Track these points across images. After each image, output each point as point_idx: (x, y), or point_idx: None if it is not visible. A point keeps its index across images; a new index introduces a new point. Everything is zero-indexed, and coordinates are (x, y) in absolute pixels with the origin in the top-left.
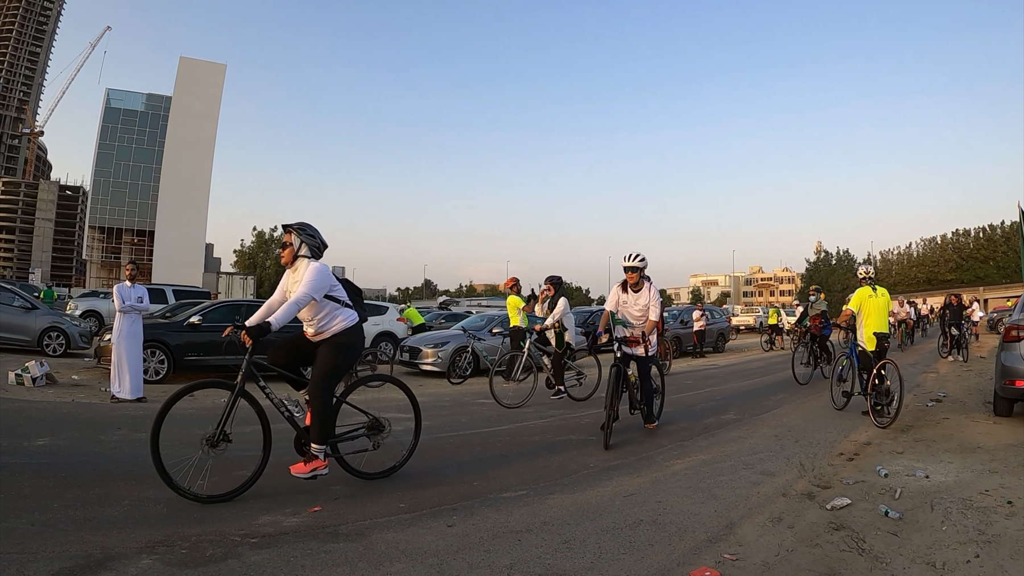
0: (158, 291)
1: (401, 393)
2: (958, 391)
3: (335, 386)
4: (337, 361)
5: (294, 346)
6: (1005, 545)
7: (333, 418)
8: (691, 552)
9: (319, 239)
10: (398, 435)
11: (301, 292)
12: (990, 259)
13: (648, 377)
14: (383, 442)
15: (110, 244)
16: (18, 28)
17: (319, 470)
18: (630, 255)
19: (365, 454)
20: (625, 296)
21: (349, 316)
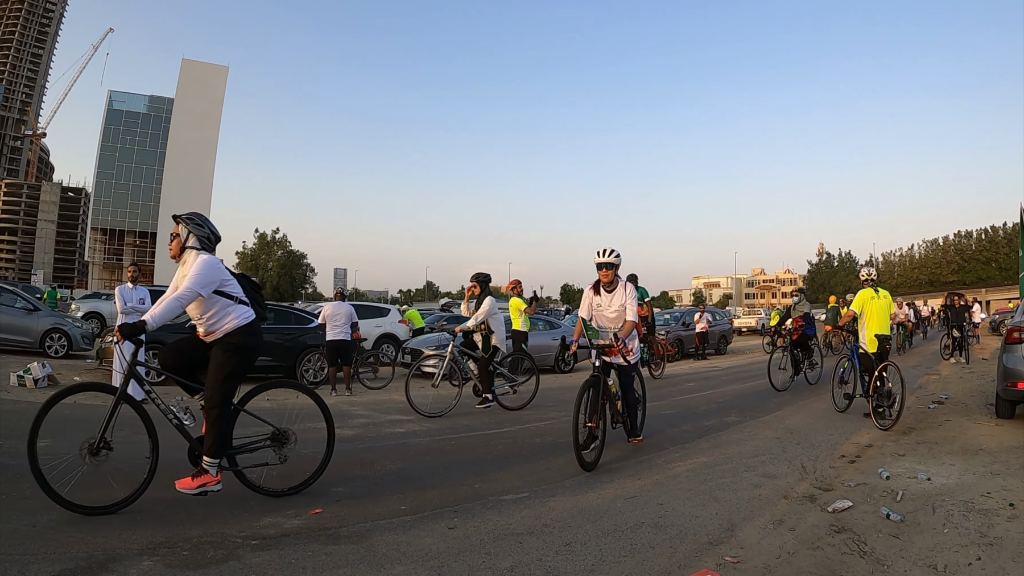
0: (160, 293)
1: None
2: (960, 393)
3: (231, 392)
4: (230, 365)
5: (188, 348)
6: (1007, 547)
7: (229, 428)
8: (692, 554)
9: (209, 229)
10: (317, 447)
11: (185, 287)
12: (992, 260)
13: (631, 387)
14: (290, 455)
15: (112, 246)
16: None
17: (208, 486)
18: (604, 250)
19: (268, 468)
20: (598, 298)
21: (243, 314)
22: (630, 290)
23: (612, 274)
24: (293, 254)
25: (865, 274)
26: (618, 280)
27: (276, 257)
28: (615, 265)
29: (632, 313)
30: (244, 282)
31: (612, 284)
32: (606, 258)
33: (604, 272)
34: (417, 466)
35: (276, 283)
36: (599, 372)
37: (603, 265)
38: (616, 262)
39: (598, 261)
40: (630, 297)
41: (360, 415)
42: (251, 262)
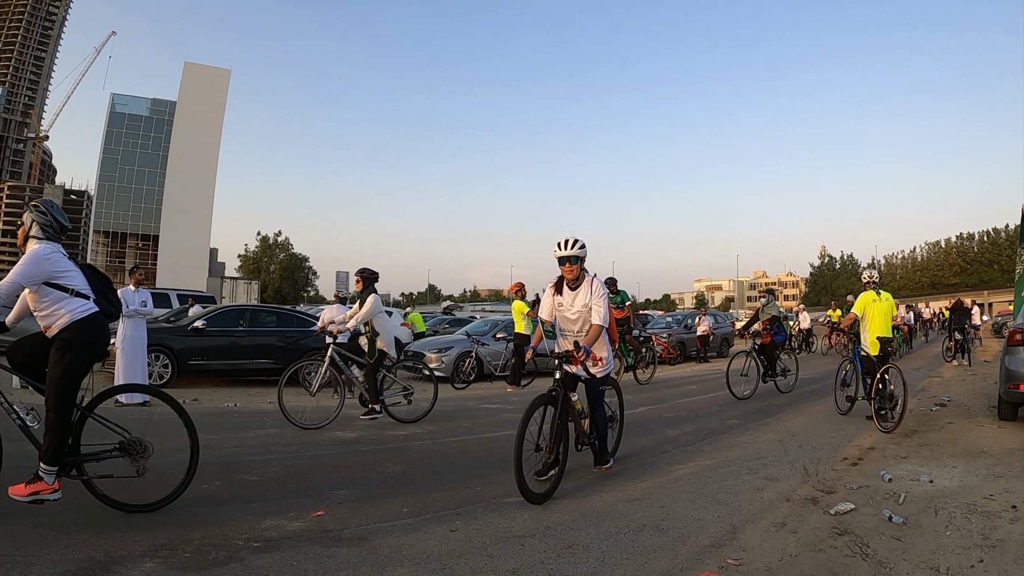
0: (162, 296)
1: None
2: (962, 395)
3: (67, 393)
4: (63, 363)
5: (36, 344)
6: (1009, 550)
7: (66, 433)
8: (694, 557)
9: (53, 216)
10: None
11: (6, 279)
12: (994, 263)
13: (599, 404)
14: (151, 468)
15: (114, 248)
16: (23, 33)
17: (43, 494)
18: (565, 241)
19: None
20: (560, 298)
21: (77, 308)
22: (597, 288)
23: (576, 269)
24: (295, 257)
25: (867, 276)
26: (584, 276)
27: (278, 260)
28: (579, 258)
29: (599, 315)
30: (90, 274)
31: (577, 281)
32: (568, 250)
33: (567, 267)
34: (419, 469)
35: (278, 286)
36: (559, 386)
37: (565, 259)
38: (580, 254)
39: (559, 255)
40: (597, 296)
41: (361, 418)
42: (253, 265)
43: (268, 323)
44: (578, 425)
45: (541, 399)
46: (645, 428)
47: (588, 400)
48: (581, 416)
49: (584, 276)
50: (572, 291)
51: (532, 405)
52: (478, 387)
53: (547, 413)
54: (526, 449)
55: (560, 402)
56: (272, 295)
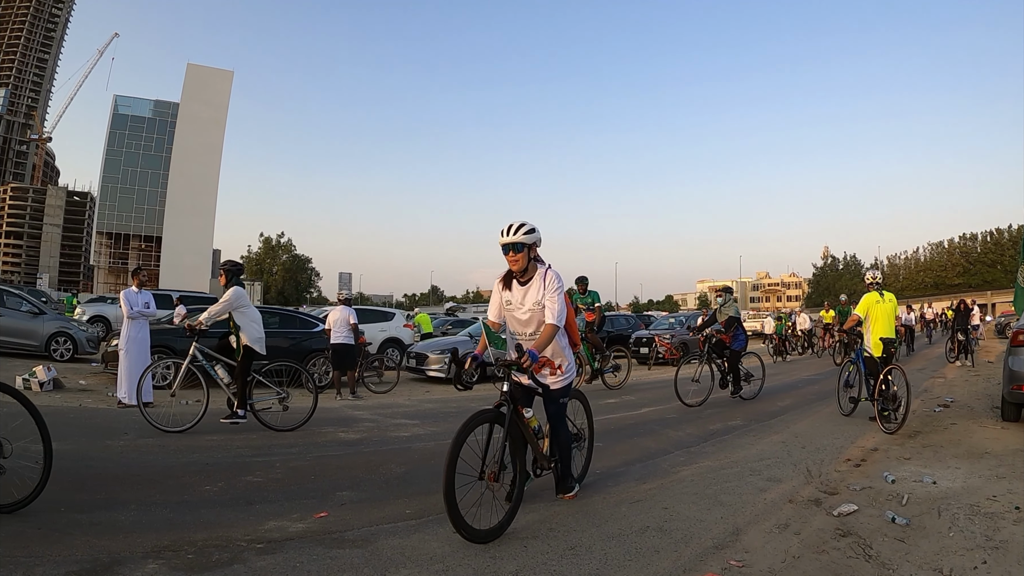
0: (165, 297)
1: None
2: (965, 396)
3: None
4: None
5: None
6: (1013, 551)
7: None
8: (697, 558)
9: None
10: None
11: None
12: (997, 263)
13: (561, 421)
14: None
15: (117, 250)
16: (26, 35)
17: None
18: (510, 226)
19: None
20: (509, 294)
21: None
22: (551, 281)
23: (523, 259)
24: (298, 258)
25: (871, 277)
26: (536, 268)
27: (281, 261)
28: (525, 245)
29: (553, 313)
30: None
31: (527, 273)
32: (511, 236)
33: (513, 258)
34: (422, 470)
35: (281, 287)
36: (506, 400)
37: (509, 247)
38: (527, 240)
39: (502, 242)
40: (551, 291)
41: (365, 419)
42: (256, 266)
43: (271, 324)
44: (534, 446)
45: (482, 416)
46: (648, 429)
47: (548, 414)
48: (538, 436)
49: (536, 268)
50: (522, 286)
51: (468, 423)
52: (481, 388)
53: (493, 433)
54: (462, 478)
55: (509, 420)
56: (275, 296)
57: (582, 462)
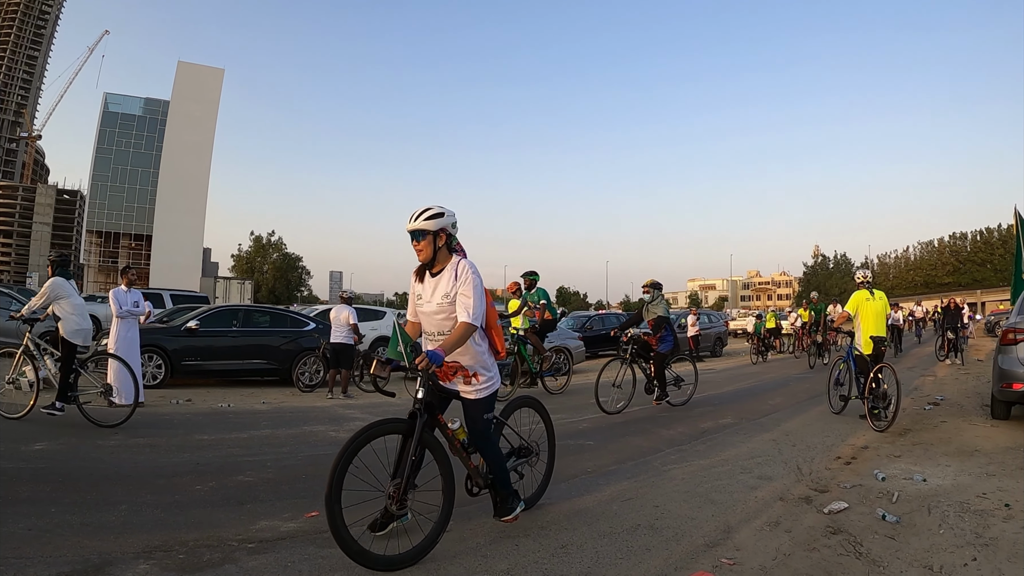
0: (156, 296)
1: None
2: (955, 394)
3: None
4: None
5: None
6: (1003, 548)
7: None
8: (688, 557)
9: None
10: None
11: None
12: (987, 262)
13: (485, 438)
14: None
15: (108, 248)
16: (16, 31)
17: None
18: (416, 212)
19: None
20: (420, 287)
21: None
22: (465, 273)
23: (429, 247)
24: (289, 257)
25: (861, 276)
26: (450, 256)
27: (272, 260)
28: (428, 232)
29: (466, 309)
30: None
31: (437, 262)
32: (415, 222)
33: (416, 245)
34: None
35: (272, 286)
36: (420, 409)
37: (414, 234)
38: (429, 227)
39: (409, 228)
40: (465, 283)
41: (356, 417)
42: (247, 265)
43: (262, 323)
44: (464, 461)
45: (387, 425)
46: (639, 427)
47: (469, 429)
48: (468, 450)
49: (449, 258)
50: (433, 277)
51: (367, 431)
52: None
53: (407, 446)
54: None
55: (419, 432)
56: (266, 295)
57: (542, 479)
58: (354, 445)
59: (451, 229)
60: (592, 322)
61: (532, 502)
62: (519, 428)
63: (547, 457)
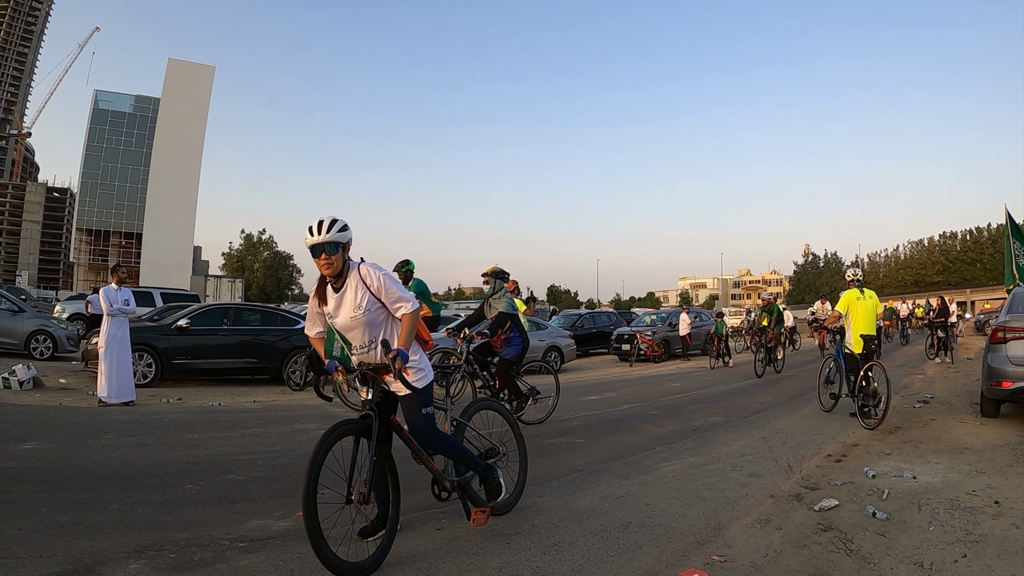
0: (146, 294)
1: None
2: (945, 392)
3: None
4: None
5: None
6: (992, 545)
7: None
8: (679, 554)
9: None
10: None
11: None
12: (977, 261)
13: (430, 430)
14: None
15: (97, 247)
16: (6, 29)
17: None
18: (320, 223)
19: None
20: (327, 307)
21: None
22: (371, 276)
23: (338, 261)
24: (279, 255)
25: (851, 275)
26: (351, 270)
27: (262, 258)
28: (340, 244)
29: (403, 300)
30: None
31: (340, 278)
32: (324, 235)
33: (323, 261)
34: (406, 468)
35: (262, 284)
36: (372, 409)
37: (319, 249)
38: (341, 239)
39: (310, 242)
40: (377, 284)
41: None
42: (237, 263)
43: (252, 322)
44: (427, 464)
45: (342, 427)
46: (629, 426)
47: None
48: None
49: (349, 272)
50: (336, 292)
51: (327, 437)
52: None
53: (360, 447)
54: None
55: (376, 433)
56: (256, 293)
57: (517, 482)
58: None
59: (351, 241)
60: (583, 320)
61: (509, 506)
62: (483, 431)
63: (519, 460)
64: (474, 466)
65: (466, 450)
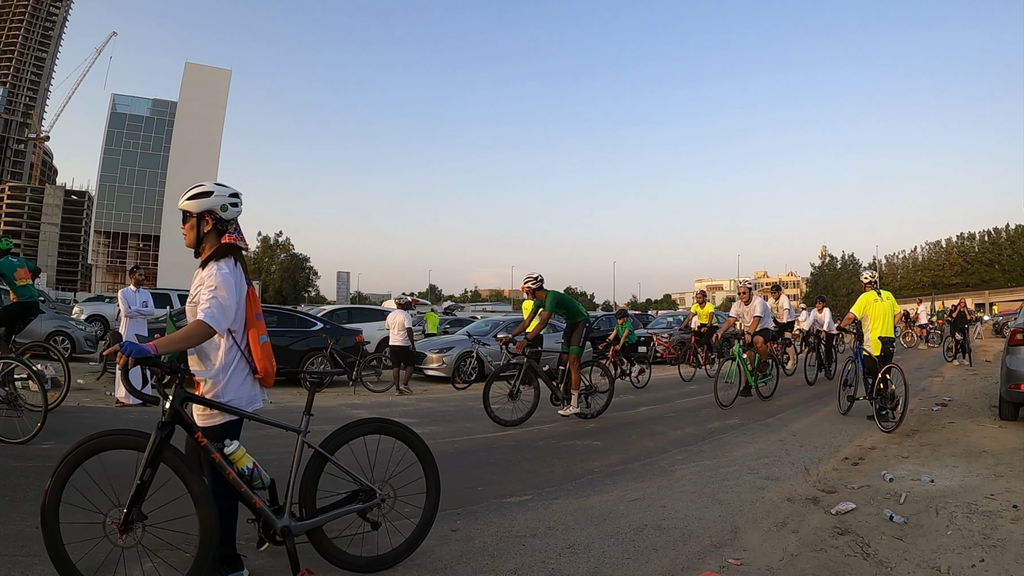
0: (164, 296)
1: None
2: (963, 395)
3: None
4: None
5: None
6: (1010, 549)
7: None
8: (695, 557)
9: None
10: None
11: None
12: (995, 263)
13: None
14: None
15: (115, 249)
16: (24, 33)
17: None
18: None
19: None
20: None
21: None
22: (209, 271)
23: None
24: (296, 257)
25: (868, 277)
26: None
27: (279, 260)
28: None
29: (204, 307)
30: None
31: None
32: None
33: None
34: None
35: (279, 286)
36: (169, 420)
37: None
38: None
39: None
40: (211, 276)
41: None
42: (254, 265)
43: (269, 323)
44: (246, 499)
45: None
46: (646, 428)
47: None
48: (251, 482)
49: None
50: (202, 269)
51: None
52: (479, 387)
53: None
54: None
55: (154, 447)
56: (273, 296)
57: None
58: (69, 464)
59: (220, 212)
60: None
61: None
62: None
63: (426, 504)
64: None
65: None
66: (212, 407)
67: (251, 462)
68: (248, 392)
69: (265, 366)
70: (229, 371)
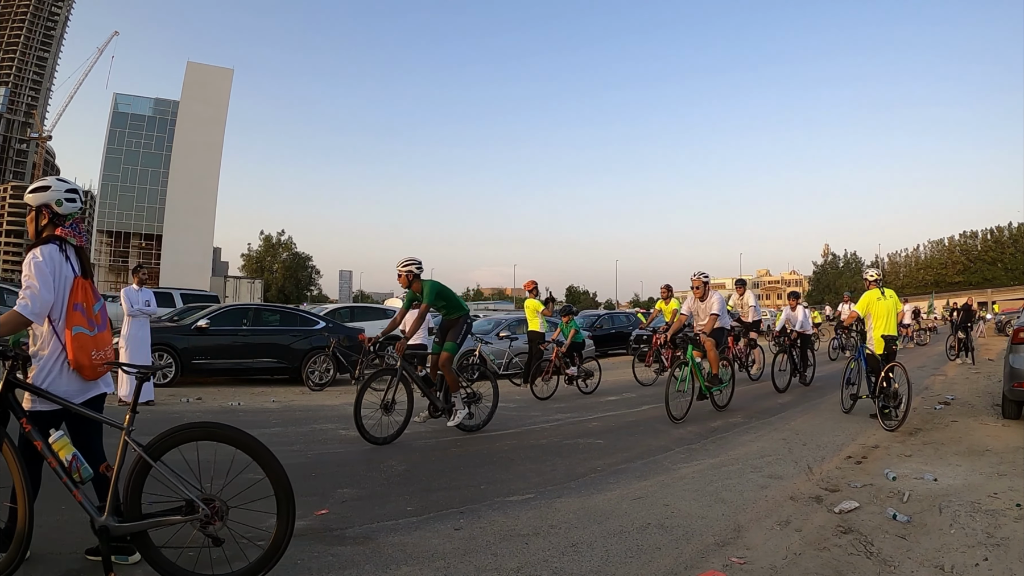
0: (166, 295)
1: None
2: (966, 394)
3: None
4: None
5: None
6: (1014, 548)
7: None
8: (698, 556)
9: None
10: None
11: None
12: (998, 261)
13: None
14: None
15: (118, 248)
16: (26, 33)
17: None
18: None
19: None
20: None
21: None
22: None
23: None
24: (298, 256)
25: (873, 274)
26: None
27: (281, 259)
28: (31, 207)
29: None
30: None
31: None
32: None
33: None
34: (423, 467)
35: (281, 285)
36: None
37: None
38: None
39: None
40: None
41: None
42: (257, 264)
43: (271, 322)
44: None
45: None
46: (649, 427)
47: None
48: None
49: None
50: None
51: None
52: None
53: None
54: None
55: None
56: (276, 294)
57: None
58: None
59: (56, 207)
60: (601, 321)
61: None
62: (208, 470)
63: (277, 522)
64: None
65: None
66: (34, 393)
67: (71, 454)
68: (78, 384)
69: (77, 357)
70: (52, 360)
